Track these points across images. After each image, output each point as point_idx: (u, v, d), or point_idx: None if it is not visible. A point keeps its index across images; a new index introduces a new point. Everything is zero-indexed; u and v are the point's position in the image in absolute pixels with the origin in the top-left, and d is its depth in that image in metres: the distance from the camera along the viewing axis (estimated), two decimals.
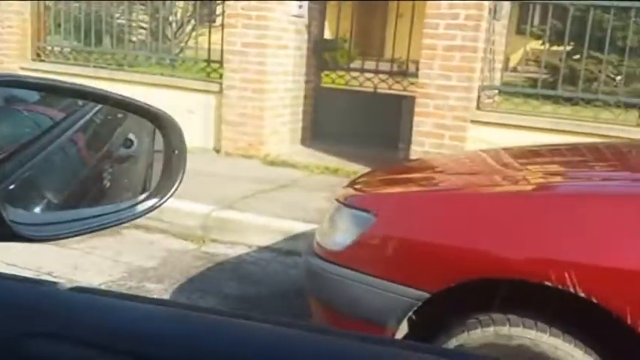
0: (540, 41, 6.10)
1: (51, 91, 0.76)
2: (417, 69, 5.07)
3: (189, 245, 3.86)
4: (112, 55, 6.64)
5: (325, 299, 2.02)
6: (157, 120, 0.82)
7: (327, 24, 6.75)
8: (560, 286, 1.57)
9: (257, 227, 3.93)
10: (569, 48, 8.72)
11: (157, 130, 0.82)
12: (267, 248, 3.83)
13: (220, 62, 5.84)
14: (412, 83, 5.55)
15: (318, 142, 6.31)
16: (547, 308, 1.71)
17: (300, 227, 3.84)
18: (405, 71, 6.08)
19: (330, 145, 6.16)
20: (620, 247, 1.59)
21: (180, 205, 4.13)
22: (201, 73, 6.23)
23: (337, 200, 2.13)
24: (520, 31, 5.36)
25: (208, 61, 6.10)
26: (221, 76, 5.79)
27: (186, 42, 9.01)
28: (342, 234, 1.99)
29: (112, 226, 0.77)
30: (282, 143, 5.92)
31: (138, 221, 3.92)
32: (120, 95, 0.79)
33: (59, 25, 6.82)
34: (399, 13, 5.79)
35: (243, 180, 4.92)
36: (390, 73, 5.97)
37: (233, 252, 3.77)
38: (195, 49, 6.57)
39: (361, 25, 6.72)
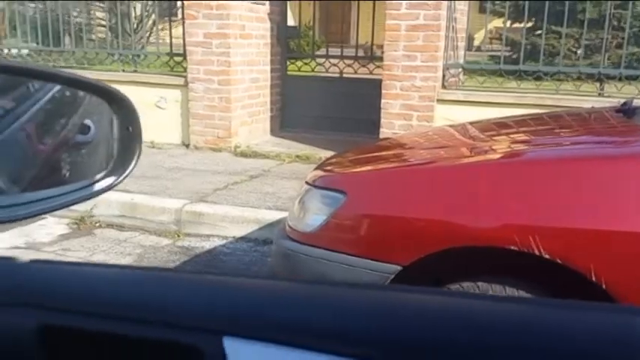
0: (502, 19, 6.15)
1: (3, 71, 0.76)
2: (383, 52, 5.09)
3: (163, 241, 3.82)
4: (72, 54, 6.51)
5: None
6: (110, 97, 0.81)
7: (289, 12, 6.72)
8: (525, 250, 1.60)
9: (231, 219, 3.91)
10: (530, 24, 8.83)
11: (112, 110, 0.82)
12: (243, 239, 3.82)
13: (183, 55, 5.78)
14: (378, 66, 5.57)
15: (287, 131, 6.31)
16: (515, 272, 1.74)
17: (274, 216, 3.84)
18: (370, 55, 6.09)
19: (300, 133, 6.17)
20: (580, 208, 1.62)
21: (153, 201, 4.11)
22: (165, 67, 6.15)
23: (307, 182, 2.13)
24: (482, 10, 5.38)
25: (171, 54, 6.03)
26: (185, 70, 5.73)
27: (148, 37, 8.88)
28: (313, 215, 1.99)
29: (71, 205, 0.79)
30: (251, 134, 5.89)
31: (111, 219, 3.88)
32: (71, 74, 0.79)
33: (15, 28, 6.66)
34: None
35: (214, 173, 4.90)
36: (356, 58, 5.97)
37: (209, 245, 3.75)
38: (157, 44, 6.48)
39: (325, 11, 6.70)
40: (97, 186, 0.80)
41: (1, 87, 0.77)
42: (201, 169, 5.05)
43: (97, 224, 4.04)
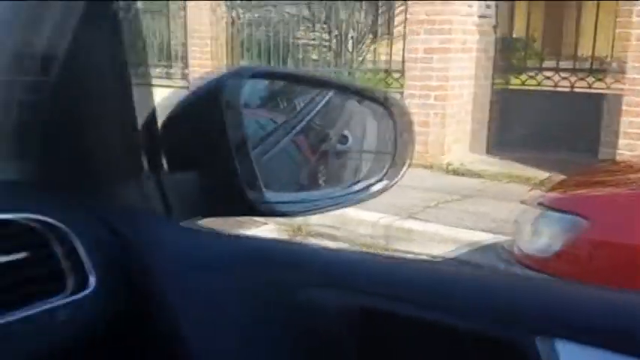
0: None
1: (291, 80, 0.87)
2: (601, 64, 4.57)
3: None
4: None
5: None
6: (387, 104, 0.86)
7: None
8: None
9: (441, 238, 3.79)
10: None
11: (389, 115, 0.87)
12: (452, 260, 3.64)
13: (401, 71, 5.79)
14: (617, 80, 4.98)
15: (505, 149, 5.93)
16: None
17: (487, 238, 3.63)
18: (606, 68, 5.48)
19: (518, 152, 5.75)
20: None
21: (363, 215, 4.12)
22: (380, 83, 6.23)
23: (540, 204, 1.92)
24: None
25: (389, 70, 6.10)
26: (402, 85, 5.73)
27: (365, 55, 9.16)
28: (547, 239, 1.79)
29: (346, 206, 0.85)
30: (465, 151, 5.68)
31: (326, 230, 3.98)
32: (355, 84, 1.01)
33: (248, 50, 7.31)
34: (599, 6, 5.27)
35: (425, 190, 4.79)
36: (590, 71, 5.41)
37: None
38: (374, 62, 6.62)
39: (551, 22, 6.24)
40: (370, 190, 0.85)
41: (281, 99, 0.87)
42: (411, 185, 4.96)
43: (311, 233, 4.16)
